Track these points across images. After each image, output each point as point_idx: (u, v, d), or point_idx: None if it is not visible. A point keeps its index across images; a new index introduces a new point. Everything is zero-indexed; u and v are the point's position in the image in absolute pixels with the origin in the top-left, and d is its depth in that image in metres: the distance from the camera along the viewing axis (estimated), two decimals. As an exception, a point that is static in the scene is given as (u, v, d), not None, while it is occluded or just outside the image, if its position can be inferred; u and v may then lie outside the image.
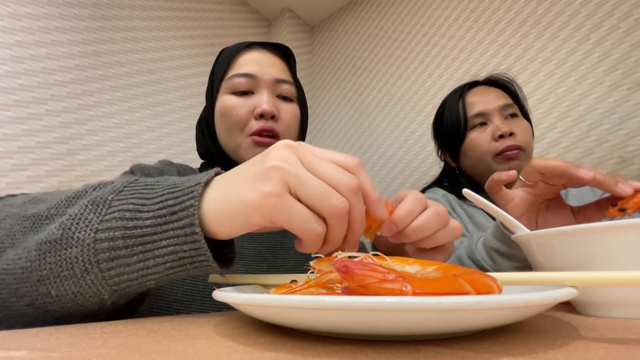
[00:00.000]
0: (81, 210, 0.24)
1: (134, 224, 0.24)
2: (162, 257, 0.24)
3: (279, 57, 0.60)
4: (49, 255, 0.23)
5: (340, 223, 0.24)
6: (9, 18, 1.26)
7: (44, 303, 0.24)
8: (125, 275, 0.24)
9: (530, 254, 0.31)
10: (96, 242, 0.23)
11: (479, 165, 0.74)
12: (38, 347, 0.17)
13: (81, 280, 0.24)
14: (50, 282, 0.24)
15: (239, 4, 2.06)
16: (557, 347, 0.16)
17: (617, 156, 1.09)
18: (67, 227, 0.24)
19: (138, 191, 0.25)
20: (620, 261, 0.24)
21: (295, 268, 0.54)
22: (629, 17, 1.12)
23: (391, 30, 1.82)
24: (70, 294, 0.24)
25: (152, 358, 0.15)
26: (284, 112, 0.56)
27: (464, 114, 0.76)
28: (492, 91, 0.78)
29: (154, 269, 0.24)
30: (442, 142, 0.84)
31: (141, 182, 0.26)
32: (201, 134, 0.61)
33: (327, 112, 2.07)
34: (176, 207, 0.24)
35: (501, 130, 0.70)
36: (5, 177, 1.16)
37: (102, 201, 0.24)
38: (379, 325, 0.16)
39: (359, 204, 0.25)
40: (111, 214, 0.24)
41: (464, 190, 0.39)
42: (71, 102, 1.35)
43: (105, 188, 0.26)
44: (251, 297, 0.17)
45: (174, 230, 0.24)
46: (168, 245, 0.24)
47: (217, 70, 0.59)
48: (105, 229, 0.23)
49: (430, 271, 0.23)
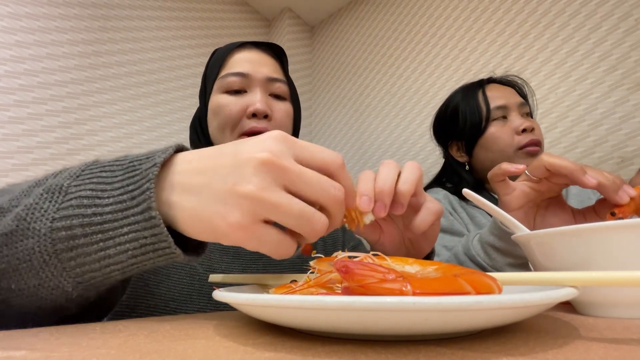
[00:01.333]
0: (36, 200, 0.23)
1: (93, 211, 0.22)
2: (124, 245, 0.23)
3: (271, 56, 0.60)
4: (5, 248, 0.23)
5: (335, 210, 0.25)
6: (9, 18, 1.26)
7: (7, 297, 0.24)
8: (87, 266, 0.23)
9: (530, 254, 0.31)
10: (53, 232, 0.22)
11: (498, 158, 0.73)
12: (38, 347, 0.17)
13: (41, 273, 0.23)
14: (10, 276, 0.23)
15: (239, 4, 2.06)
16: (557, 347, 0.16)
17: (617, 156, 1.09)
18: (23, 218, 0.23)
19: (96, 175, 0.24)
20: (620, 261, 0.24)
21: (291, 266, 0.54)
22: (629, 17, 1.12)
23: (391, 30, 1.82)
24: (31, 287, 0.23)
25: (152, 358, 0.15)
26: (277, 110, 0.56)
27: (486, 105, 0.76)
28: (508, 89, 0.80)
29: (115, 257, 0.23)
30: (455, 135, 0.83)
31: (98, 165, 0.25)
32: (195, 135, 0.61)
33: (327, 112, 2.07)
34: (136, 191, 0.23)
35: (525, 125, 0.71)
36: (6, 177, 1.16)
37: (58, 188, 0.23)
38: (379, 325, 0.16)
39: (339, 210, 0.25)
40: (68, 201, 0.23)
41: (464, 190, 0.39)
42: (71, 102, 1.35)
43: (62, 174, 0.25)
44: (251, 297, 0.17)
45: (134, 215, 0.22)
46: (129, 232, 0.22)
47: (210, 70, 0.60)
48: (62, 217, 0.22)
49: (430, 271, 0.23)
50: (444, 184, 0.84)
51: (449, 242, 0.67)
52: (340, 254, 0.24)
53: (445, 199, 0.78)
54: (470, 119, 0.78)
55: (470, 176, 0.80)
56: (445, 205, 0.75)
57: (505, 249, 0.47)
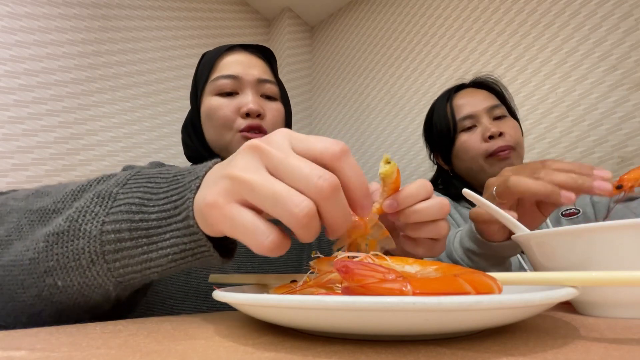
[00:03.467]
0: (87, 203, 0.25)
1: (140, 217, 0.24)
2: (165, 250, 0.24)
3: (260, 58, 0.62)
4: (56, 246, 0.24)
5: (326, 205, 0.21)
6: (9, 18, 1.26)
7: (50, 294, 0.25)
8: (130, 267, 0.24)
9: (530, 254, 0.31)
10: (102, 234, 0.24)
11: (472, 166, 0.75)
12: (38, 347, 0.17)
13: (87, 272, 0.24)
14: (57, 273, 0.24)
15: (239, 4, 2.06)
16: (557, 347, 0.16)
17: (617, 156, 1.09)
18: (75, 220, 0.24)
19: (142, 184, 0.26)
20: (620, 261, 0.24)
21: (286, 263, 0.54)
22: (629, 17, 1.12)
23: (391, 31, 1.82)
24: (76, 285, 0.25)
25: (152, 358, 0.15)
26: (269, 110, 0.58)
27: (452, 117, 0.77)
28: (479, 93, 0.79)
29: (157, 261, 0.24)
30: (434, 145, 0.86)
31: (144, 175, 0.27)
32: (188, 137, 0.62)
33: (327, 112, 2.07)
34: (179, 201, 0.24)
35: (490, 131, 0.71)
36: (5, 177, 1.16)
37: (108, 194, 0.25)
38: (379, 325, 0.16)
39: (332, 206, 0.21)
40: (117, 207, 0.24)
41: (464, 190, 0.39)
42: (71, 102, 1.35)
43: (109, 181, 0.27)
44: (251, 297, 0.17)
45: (176, 223, 0.24)
46: (171, 238, 0.24)
47: (200, 74, 0.61)
48: (112, 221, 0.24)
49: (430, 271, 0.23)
50: (439, 187, 0.86)
51: None
52: (340, 254, 0.24)
53: None
54: (440, 131, 0.79)
55: (458, 181, 0.82)
56: None
57: (484, 253, 0.47)
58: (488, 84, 0.82)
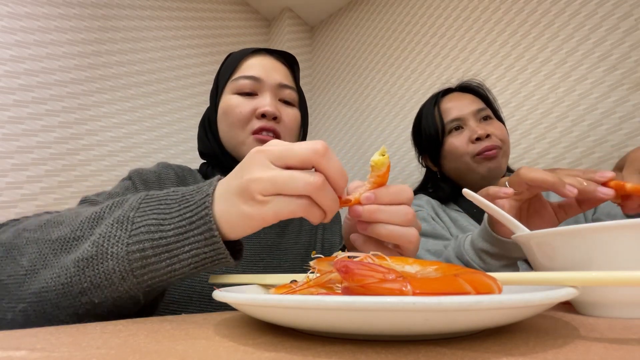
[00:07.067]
0: (108, 229, 0.28)
1: (159, 235, 0.27)
2: (187, 260, 0.28)
3: (283, 64, 0.62)
4: (87, 270, 0.27)
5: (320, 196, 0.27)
6: (9, 18, 1.26)
7: (87, 310, 0.28)
8: (157, 278, 0.28)
9: (530, 254, 0.31)
10: (129, 254, 0.27)
11: (460, 166, 0.78)
12: (38, 347, 0.17)
13: (119, 287, 0.27)
14: (92, 292, 0.27)
15: (239, 4, 2.06)
16: (557, 347, 0.16)
17: (617, 156, 1.09)
18: (100, 244, 0.27)
19: (155, 207, 0.29)
20: (620, 261, 0.24)
21: (292, 268, 0.54)
22: (629, 17, 1.12)
23: (391, 31, 1.82)
24: (110, 299, 0.28)
25: (152, 358, 0.15)
26: (285, 114, 0.58)
27: (440, 120, 0.81)
28: (465, 97, 0.83)
29: (180, 270, 0.28)
30: (422, 148, 0.89)
31: (154, 198, 0.30)
32: (203, 133, 0.63)
33: (327, 112, 2.07)
34: (194, 217, 0.28)
35: (477, 134, 0.75)
36: (5, 177, 1.16)
37: (126, 219, 0.28)
38: (379, 325, 0.16)
39: (323, 196, 0.27)
40: (137, 229, 0.28)
41: (464, 190, 0.40)
42: (71, 102, 1.35)
43: (122, 207, 0.30)
44: (251, 297, 0.17)
45: (194, 236, 0.28)
46: (190, 250, 0.28)
47: (223, 73, 0.62)
48: (135, 242, 0.27)
49: (430, 271, 0.23)
50: (428, 190, 0.88)
51: (432, 246, 0.69)
52: (340, 254, 0.24)
53: (427, 204, 0.81)
54: (429, 134, 0.83)
55: (446, 184, 0.84)
56: (428, 211, 0.79)
57: (498, 253, 0.48)
58: (473, 87, 0.86)
